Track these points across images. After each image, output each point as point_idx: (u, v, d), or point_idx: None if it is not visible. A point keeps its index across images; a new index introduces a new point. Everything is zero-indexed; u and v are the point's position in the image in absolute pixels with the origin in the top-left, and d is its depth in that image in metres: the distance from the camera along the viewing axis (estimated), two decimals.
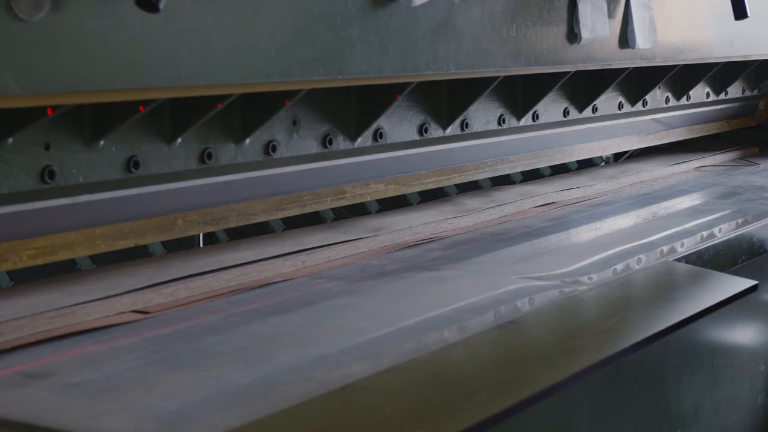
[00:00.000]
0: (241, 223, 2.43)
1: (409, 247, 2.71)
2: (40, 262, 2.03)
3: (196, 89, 2.01)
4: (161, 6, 1.76)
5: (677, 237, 2.79)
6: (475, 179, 3.19)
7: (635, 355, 2.12)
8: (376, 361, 1.79)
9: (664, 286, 2.35)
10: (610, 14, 2.98)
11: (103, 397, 1.63)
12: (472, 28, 2.51)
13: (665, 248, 2.64)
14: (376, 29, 2.25)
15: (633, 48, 3.09)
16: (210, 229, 2.36)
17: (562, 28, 2.82)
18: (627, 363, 2.13)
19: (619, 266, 2.46)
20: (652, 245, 2.70)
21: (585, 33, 2.87)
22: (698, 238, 2.73)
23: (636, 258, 2.54)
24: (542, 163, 3.45)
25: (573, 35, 2.85)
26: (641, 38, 3.10)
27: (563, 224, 3.04)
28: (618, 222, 3.06)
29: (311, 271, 2.44)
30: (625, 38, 3.07)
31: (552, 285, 2.29)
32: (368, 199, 2.77)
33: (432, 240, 2.78)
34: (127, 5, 1.75)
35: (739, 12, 3.43)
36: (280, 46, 2.07)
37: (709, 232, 2.82)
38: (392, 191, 2.86)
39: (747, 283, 2.34)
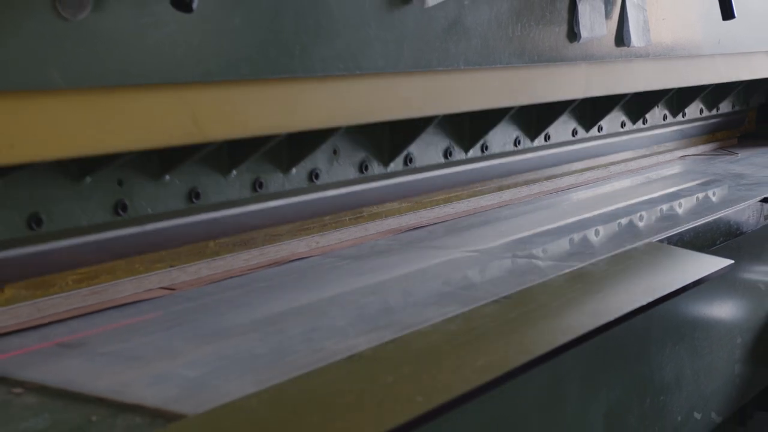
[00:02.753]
0: (267, 244, 2.40)
1: (413, 229, 2.71)
2: (83, 286, 2.02)
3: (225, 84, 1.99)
4: (194, 6, 1.75)
5: (661, 220, 2.78)
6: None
7: (621, 329, 2.10)
8: (380, 333, 1.78)
9: (647, 264, 2.33)
10: (608, 15, 2.95)
11: (130, 365, 1.63)
12: (480, 28, 2.49)
13: (649, 230, 2.63)
14: (392, 28, 2.23)
15: (628, 46, 3.06)
16: (239, 249, 2.35)
17: (563, 28, 2.79)
18: (613, 336, 2.11)
19: (605, 246, 2.45)
20: (637, 227, 2.68)
21: (584, 32, 2.84)
22: (680, 221, 2.71)
23: (622, 239, 2.52)
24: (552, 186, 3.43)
25: (573, 34, 2.83)
26: (636, 37, 3.07)
27: (555, 208, 3.04)
28: (606, 205, 3.05)
29: (324, 250, 2.44)
30: (621, 37, 3.04)
31: (544, 263, 2.28)
32: (384, 217, 2.75)
33: (435, 223, 2.78)
34: (163, 5, 1.74)
35: (727, 13, 3.39)
36: (304, 43, 2.05)
37: (690, 215, 2.80)
38: (406, 209, 2.85)
39: (724, 262, 2.33)
